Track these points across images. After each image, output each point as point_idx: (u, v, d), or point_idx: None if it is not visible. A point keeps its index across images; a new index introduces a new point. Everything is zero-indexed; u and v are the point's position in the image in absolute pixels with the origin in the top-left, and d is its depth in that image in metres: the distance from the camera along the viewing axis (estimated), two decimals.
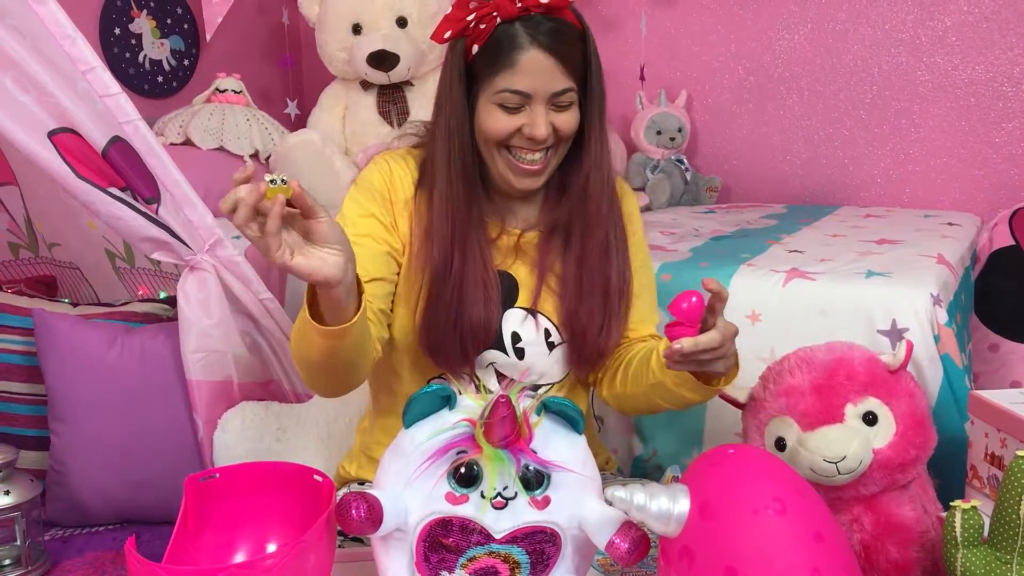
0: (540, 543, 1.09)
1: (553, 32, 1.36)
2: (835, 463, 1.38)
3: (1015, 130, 2.85)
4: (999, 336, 2.42)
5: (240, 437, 1.86)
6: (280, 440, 1.89)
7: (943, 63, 2.92)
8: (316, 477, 1.19)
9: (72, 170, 1.76)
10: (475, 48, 1.38)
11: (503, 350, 1.46)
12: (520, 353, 1.47)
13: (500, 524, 1.07)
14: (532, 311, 1.48)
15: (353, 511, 1.04)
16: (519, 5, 1.35)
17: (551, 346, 1.49)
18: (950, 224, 2.51)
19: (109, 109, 1.78)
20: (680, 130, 3.11)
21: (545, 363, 1.49)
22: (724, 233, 2.46)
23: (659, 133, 3.10)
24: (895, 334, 1.80)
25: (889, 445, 1.41)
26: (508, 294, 1.47)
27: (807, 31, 3.08)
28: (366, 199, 1.46)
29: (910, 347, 1.47)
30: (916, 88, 2.96)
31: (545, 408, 1.12)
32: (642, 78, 3.23)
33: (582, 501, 1.10)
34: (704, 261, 2.08)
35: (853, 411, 1.42)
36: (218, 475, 1.21)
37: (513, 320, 1.47)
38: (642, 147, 3.13)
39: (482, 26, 1.36)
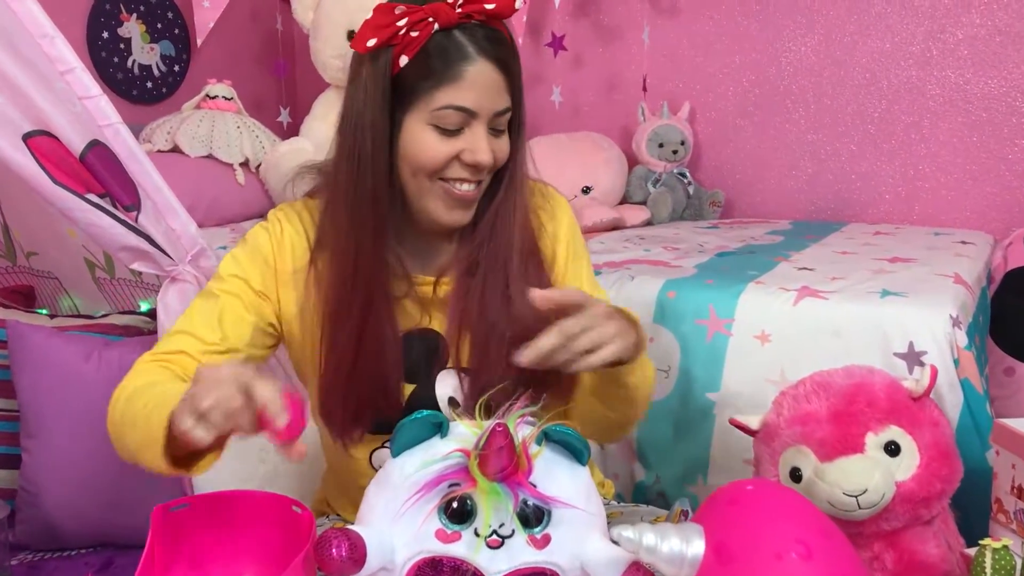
0: None
1: (498, 42, 1.19)
2: (855, 496, 1.29)
3: None
4: (1015, 359, 2.34)
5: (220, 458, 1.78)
6: (264, 461, 1.82)
7: (954, 77, 2.85)
8: (295, 508, 1.10)
9: (48, 175, 1.67)
10: (403, 59, 1.17)
11: None
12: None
13: (495, 565, 0.98)
14: (465, 370, 1.28)
15: (334, 550, 0.95)
16: (459, 11, 1.16)
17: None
18: (963, 243, 2.44)
19: (88, 111, 1.69)
20: (683, 143, 3.04)
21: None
22: (729, 249, 2.39)
23: (661, 146, 3.03)
24: (912, 357, 1.73)
25: (913, 478, 1.33)
26: (431, 355, 1.29)
27: (814, 43, 3.01)
28: (248, 261, 1.29)
29: (935, 372, 1.39)
30: (926, 102, 2.90)
31: (546, 437, 1.03)
32: (644, 89, 3.16)
33: (585, 540, 1.02)
34: (710, 278, 2.00)
35: (874, 440, 1.33)
36: (189, 504, 1.12)
37: (446, 383, 1.29)
38: (644, 160, 3.06)
39: (414, 34, 1.16)
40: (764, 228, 2.77)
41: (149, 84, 3.17)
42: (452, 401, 1.29)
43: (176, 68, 3.26)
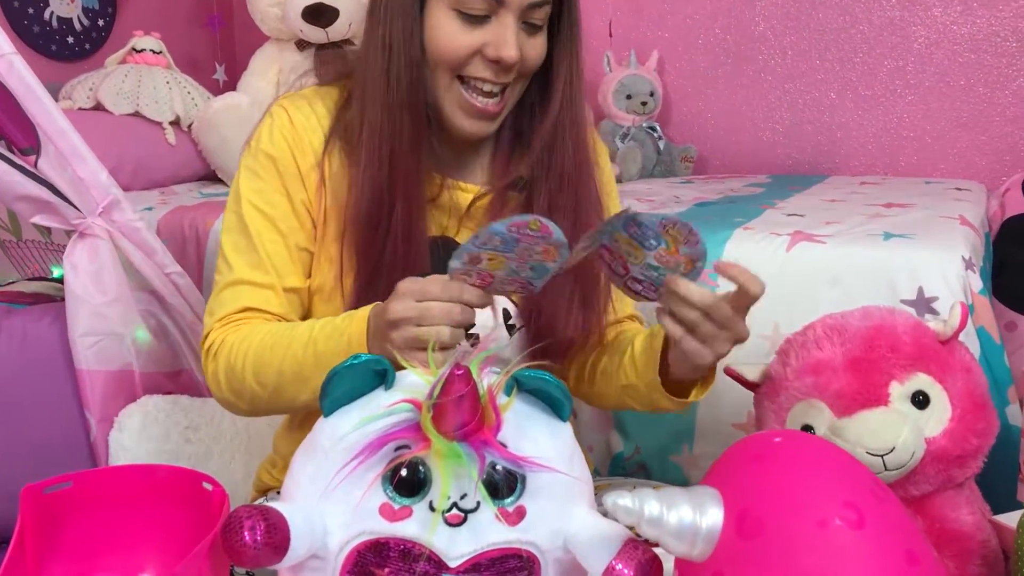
0: (512, 571, 0.79)
1: None
2: (881, 456, 1.10)
3: (1021, 90, 2.62)
4: (1016, 313, 2.17)
5: (141, 437, 1.60)
6: (190, 440, 1.63)
7: (941, 16, 2.68)
8: (206, 485, 0.88)
9: None
10: None
11: None
12: (473, 339, 1.17)
13: (456, 547, 0.77)
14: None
15: (246, 533, 0.74)
16: None
17: (511, 329, 1.19)
18: (959, 189, 2.27)
19: None
20: (652, 94, 2.85)
21: (504, 352, 1.19)
22: (709, 199, 2.19)
23: (629, 98, 2.83)
24: (923, 304, 1.55)
25: (945, 433, 1.14)
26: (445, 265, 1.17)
27: None
28: (268, 175, 1.16)
29: (965, 311, 1.20)
30: (911, 44, 2.72)
31: (518, 385, 0.83)
32: (610, 35, 2.96)
33: (569, 512, 0.81)
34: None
35: (900, 391, 1.14)
36: (71, 483, 0.90)
37: None
38: (610, 113, 2.86)
39: None
40: (742, 181, 2.60)
41: (70, 39, 2.92)
42: None
43: (100, 22, 3.01)
